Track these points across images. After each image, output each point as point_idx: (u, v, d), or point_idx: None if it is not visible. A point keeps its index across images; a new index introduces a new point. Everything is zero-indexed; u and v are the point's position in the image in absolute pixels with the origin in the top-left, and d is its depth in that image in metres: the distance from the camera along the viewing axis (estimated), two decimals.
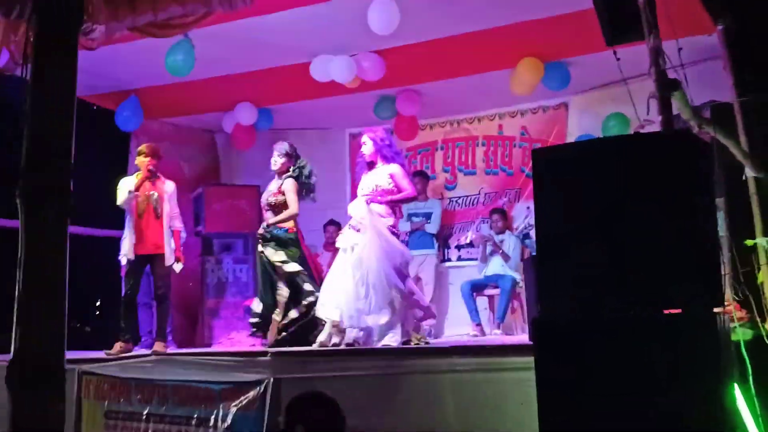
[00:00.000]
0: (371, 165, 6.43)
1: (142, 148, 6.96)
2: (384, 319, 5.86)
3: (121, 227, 7.14)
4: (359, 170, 6.54)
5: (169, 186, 6.94)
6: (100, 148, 8.69)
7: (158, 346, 6.50)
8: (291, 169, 6.76)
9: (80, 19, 2.94)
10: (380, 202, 6.16)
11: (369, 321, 5.88)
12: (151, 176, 6.84)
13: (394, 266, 6.01)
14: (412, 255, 6.88)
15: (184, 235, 7.06)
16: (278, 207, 6.63)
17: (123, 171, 8.74)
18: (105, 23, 3.88)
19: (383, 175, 6.30)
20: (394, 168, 6.32)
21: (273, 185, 6.76)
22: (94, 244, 8.57)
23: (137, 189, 6.75)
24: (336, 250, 6.41)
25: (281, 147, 6.82)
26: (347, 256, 6.12)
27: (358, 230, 6.12)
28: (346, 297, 5.96)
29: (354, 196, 6.69)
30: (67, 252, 2.86)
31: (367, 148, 6.41)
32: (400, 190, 6.28)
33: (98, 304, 10.30)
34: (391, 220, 6.21)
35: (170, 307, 6.81)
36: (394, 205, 6.33)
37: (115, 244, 7.88)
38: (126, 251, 6.75)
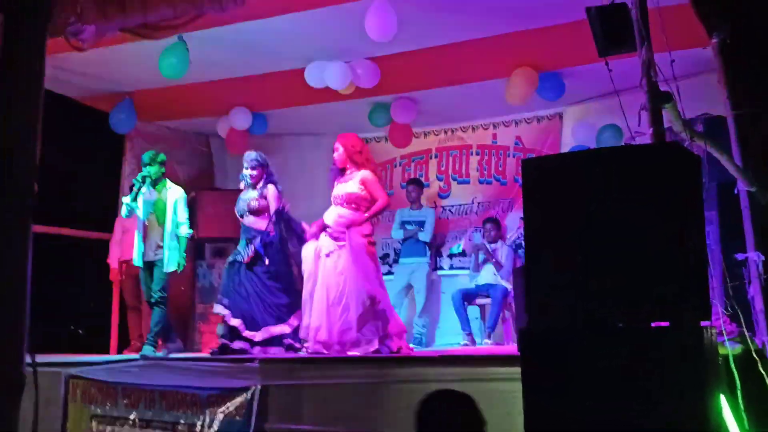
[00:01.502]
0: (343, 172, 6.34)
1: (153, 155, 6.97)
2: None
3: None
4: (332, 177, 6.42)
5: (173, 193, 6.91)
6: (94, 151, 8.68)
7: (147, 350, 6.54)
8: (265, 177, 6.70)
9: (49, 13, 2.88)
10: (358, 223, 6.12)
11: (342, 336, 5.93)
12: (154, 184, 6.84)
13: (370, 282, 6.00)
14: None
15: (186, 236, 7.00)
16: (260, 211, 6.61)
17: (117, 173, 8.75)
18: (94, 23, 3.86)
19: (355, 182, 6.22)
20: (366, 174, 6.24)
21: (251, 193, 6.68)
22: (87, 247, 8.55)
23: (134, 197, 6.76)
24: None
25: (252, 159, 6.70)
26: (323, 263, 6.12)
27: (336, 238, 6.10)
28: (322, 314, 5.99)
29: None
30: (29, 254, 2.81)
31: (339, 154, 6.31)
32: (372, 197, 6.22)
33: (91, 305, 10.28)
34: (367, 228, 6.21)
35: (162, 313, 6.78)
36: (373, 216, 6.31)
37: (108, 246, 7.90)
38: (135, 258, 6.81)
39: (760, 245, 5.35)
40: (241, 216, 6.67)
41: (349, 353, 5.87)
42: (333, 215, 6.19)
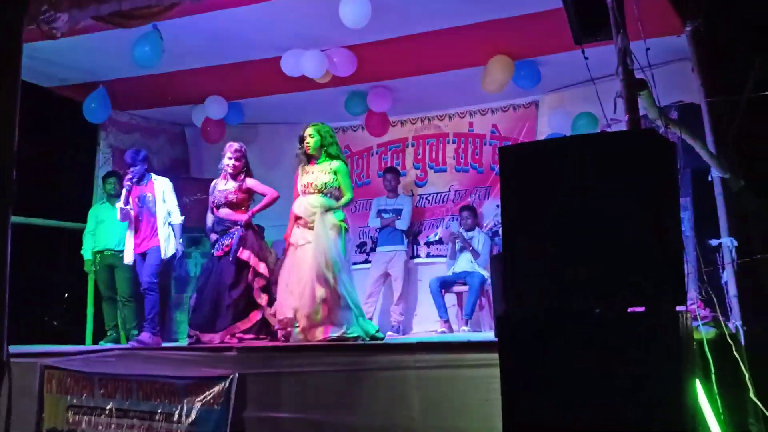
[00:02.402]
0: (311, 159, 6.29)
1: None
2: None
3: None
4: (297, 163, 6.36)
5: (159, 185, 6.91)
6: (68, 141, 8.60)
7: (144, 337, 6.53)
8: (245, 169, 6.67)
9: (24, 4, 2.86)
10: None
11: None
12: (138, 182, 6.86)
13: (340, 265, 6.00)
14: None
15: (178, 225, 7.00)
16: (238, 204, 6.57)
17: (91, 163, 8.67)
18: (68, 11, 3.81)
19: (327, 172, 6.20)
20: (339, 165, 6.21)
21: (228, 185, 6.62)
22: (61, 237, 8.48)
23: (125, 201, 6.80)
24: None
25: (235, 149, 6.63)
26: (299, 253, 6.09)
27: (310, 228, 6.08)
28: (300, 299, 5.95)
29: None
30: (8, 245, 2.78)
31: (313, 141, 6.24)
32: (341, 188, 6.20)
33: (66, 296, 10.21)
34: (342, 215, 6.20)
35: (154, 300, 6.78)
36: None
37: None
38: (128, 253, 6.84)
39: (733, 231, 5.43)
40: (217, 207, 6.62)
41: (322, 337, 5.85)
42: (308, 205, 6.16)
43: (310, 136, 6.25)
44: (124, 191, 6.81)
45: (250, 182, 6.59)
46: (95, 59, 7.33)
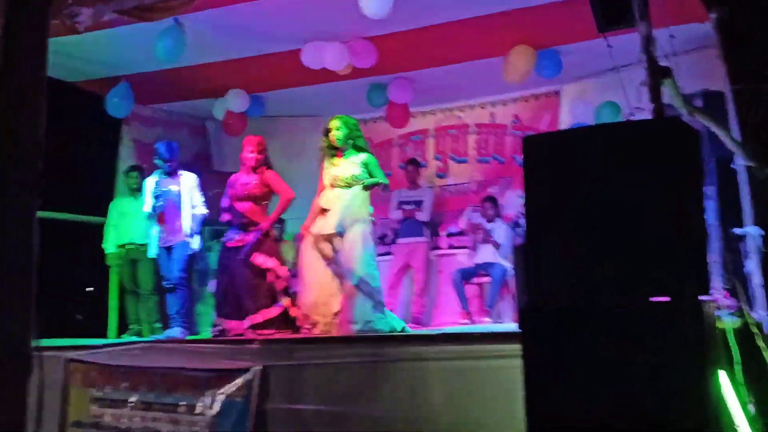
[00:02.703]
0: (339, 153, 6.16)
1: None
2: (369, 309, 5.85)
3: None
4: (323, 156, 6.25)
5: (186, 180, 7.02)
6: (90, 135, 8.64)
7: (176, 331, 6.70)
8: (266, 161, 6.65)
9: (50, 2, 2.87)
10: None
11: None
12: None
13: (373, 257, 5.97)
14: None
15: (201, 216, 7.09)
16: (260, 197, 6.57)
17: (114, 158, 8.72)
18: (92, 5, 3.83)
19: (356, 164, 6.08)
20: (366, 157, 6.12)
21: (248, 177, 6.60)
22: (84, 231, 8.53)
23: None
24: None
25: (258, 142, 6.60)
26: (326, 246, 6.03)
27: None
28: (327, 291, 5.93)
29: None
30: (34, 239, 2.80)
31: (340, 134, 6.10)
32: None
33: (89, 290, 10.27)
34: (371, 209, 6.15)
35: (185, 295, 6.90)
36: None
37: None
38: (151, 249, 7.02)
39: (758, 220, 5.37)
40: (239, 200, 6.62)
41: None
42: (343, 198, 6.06)
43: (336, 128, 6.11)
44: (150, 191, 6.95)
45: (269, 176, 6.58)
46: (118, 53, 7.37)
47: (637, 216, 3.23)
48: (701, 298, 3.17)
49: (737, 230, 5.16)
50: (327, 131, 6.19)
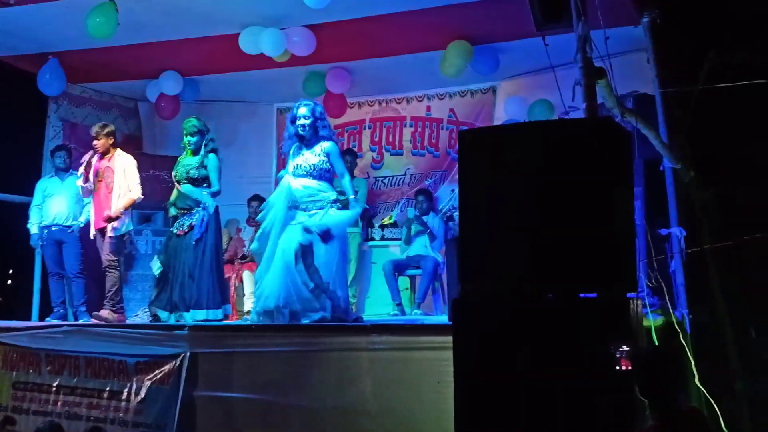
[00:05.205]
0: (302, 140, 6.08)
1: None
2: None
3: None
4: (289, 144, 6.17)
5: (121, 160, 6.87)
6: (16, 113, 8.40)
7: (104, 313, 6.49)
8: (205, 144, 6.58)
9: None
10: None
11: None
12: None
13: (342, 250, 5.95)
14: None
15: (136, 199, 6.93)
16: (200, 181, 6.50)
17: (41, 136, 8.48)
18: None
19: (317, 153, 6.03)
20: (329, 146, 6.04)
21: (191, 160, 6.55)
22: (8, 210, 8.29)
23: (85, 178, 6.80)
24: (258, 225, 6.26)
25: (191, 125, 6.55)
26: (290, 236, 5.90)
27: (306, 210, 5.94)
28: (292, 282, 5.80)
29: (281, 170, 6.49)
30: None
31: (307, 121, 6.01)
32: (334, 170, 6.09)
33: (10, 272, 10.00)
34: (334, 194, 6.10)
35: (116, 278, 6.77)
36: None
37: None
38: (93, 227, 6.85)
39: (682, 221, 5.54)
40: (178, 182, 6.56)
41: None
42: (307, 187, 5.98)
43: (304, 117, 6.04)
44: (82, 168, 6.77)
45: (212, 160, 6.54)
46: (49, 29, 7.15)
47: (567, 213, 3.30)
48: (628, 295, 3.26)
49: (663, 231, 5.32)
50: (294, 119, 6.10)
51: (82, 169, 6.81)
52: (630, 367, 3.09)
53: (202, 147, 6.57)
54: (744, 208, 5.66)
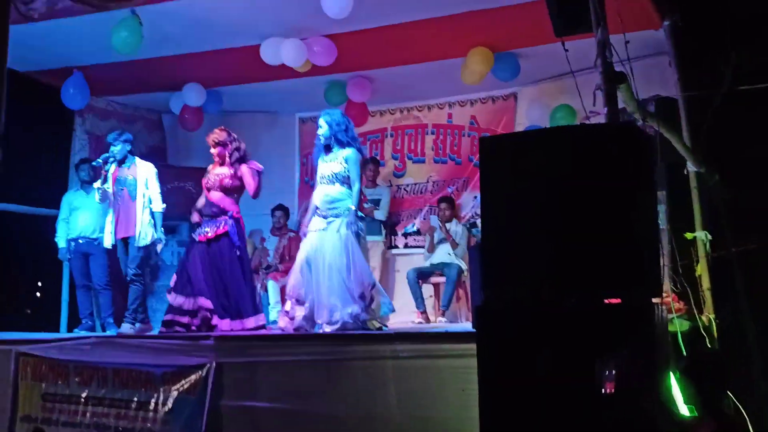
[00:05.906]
0: (328, 149, 6.19)
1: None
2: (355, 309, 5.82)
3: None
4: (316, 153, 6.28)
5: (143, 169, 6.88)
6: (44, 126, 8.50)
7: (125, 328, 6.55)
8: (232, 154, 6.60)
9: None
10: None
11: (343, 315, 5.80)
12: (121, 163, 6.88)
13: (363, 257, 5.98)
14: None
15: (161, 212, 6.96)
16: (231, 190, 6.55)
17: (67, 150, 8.59)
18: None
19: (338, 161, 6.10)
20: (349, 153, 6.11)
21: (222, 169, 6.60)
22: (36, 224, 8.39)
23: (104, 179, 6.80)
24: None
25: (211, 138, 6.61)
26: (314, 242, 6.00)
27: (325, 217, 6.01)
28: (317, 289, 5.89)
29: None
30: None
31: (323, 131, 6.16)
32: (349, 177, 6.13)
33: (39, 285, 10.09)
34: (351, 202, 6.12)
35: (141, 289, 6.78)
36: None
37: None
38: (107, 236, 6.85)
39: (707, 224, 5.50)
40: (209, 190, 6.59)
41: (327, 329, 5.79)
42: (329, 195, 6.07)
43: (320, 127, 6.18)
44: (103, 171, 6.78)
45: (244, 169, 6.57)
46: (73, 44, 7.24)
47: (590, 218, 3.28)
48: (653, 300, 3.24)
49: (688, 234, 5.28)
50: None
51: (103, 172, 6.79)
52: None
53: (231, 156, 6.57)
54: None
